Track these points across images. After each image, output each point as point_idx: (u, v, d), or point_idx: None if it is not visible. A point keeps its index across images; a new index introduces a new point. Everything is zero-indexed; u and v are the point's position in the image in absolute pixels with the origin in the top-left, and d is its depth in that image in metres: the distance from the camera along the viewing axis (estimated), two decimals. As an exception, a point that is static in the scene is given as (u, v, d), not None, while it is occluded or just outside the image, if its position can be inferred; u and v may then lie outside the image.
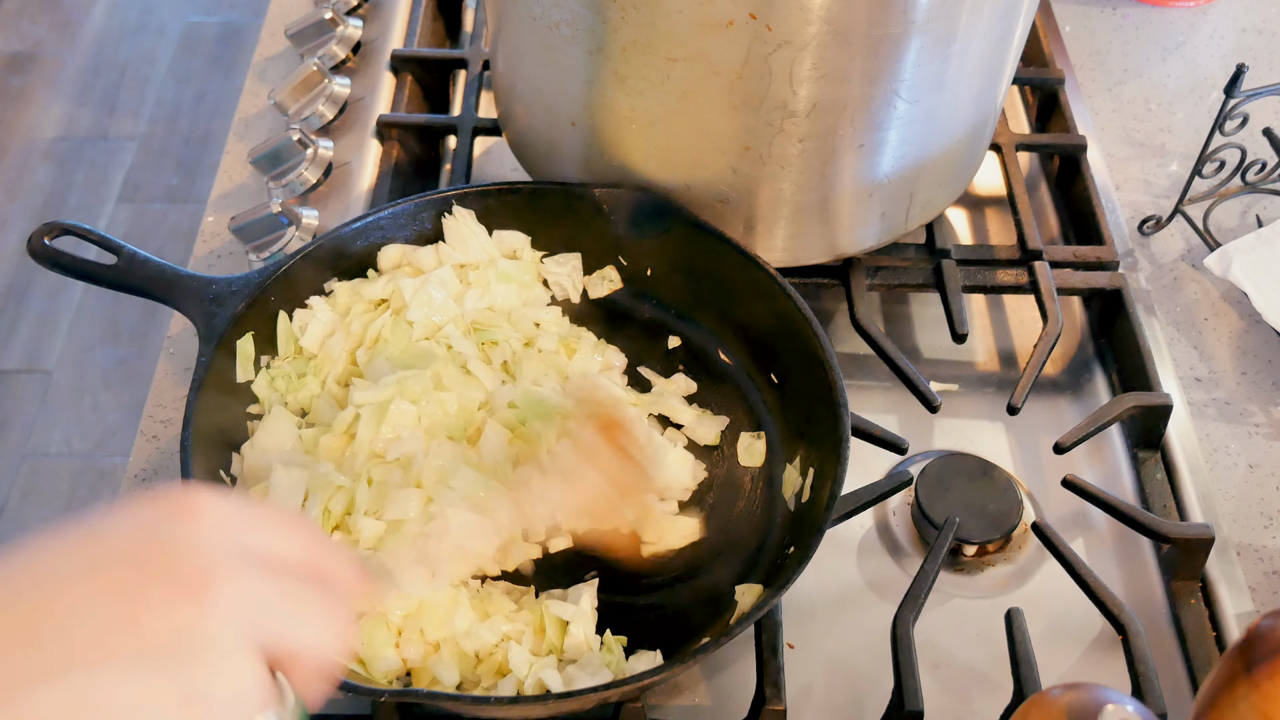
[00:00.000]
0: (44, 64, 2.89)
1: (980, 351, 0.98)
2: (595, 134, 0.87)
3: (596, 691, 0.67)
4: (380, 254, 0.89)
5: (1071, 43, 1.22)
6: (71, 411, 2.23)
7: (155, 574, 0.39)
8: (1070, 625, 0.81)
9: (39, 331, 2.36)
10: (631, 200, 0.90)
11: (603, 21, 0.78)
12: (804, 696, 0.78)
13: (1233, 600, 0.81)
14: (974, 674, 0.79)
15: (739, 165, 0.85)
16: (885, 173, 0.87)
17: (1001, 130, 1.05)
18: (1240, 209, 1.07)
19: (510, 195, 0.91)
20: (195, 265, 1.02)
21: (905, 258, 0.97)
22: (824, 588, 0.83)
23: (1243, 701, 0.55)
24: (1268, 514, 0.87)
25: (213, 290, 0.82)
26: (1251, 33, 1.24)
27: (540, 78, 0.89)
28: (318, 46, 1.13)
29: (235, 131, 1.13)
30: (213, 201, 1.07)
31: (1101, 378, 0.96)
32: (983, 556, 0.84)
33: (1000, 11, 0.82)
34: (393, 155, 1.04)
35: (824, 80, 0.78)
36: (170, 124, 2.75)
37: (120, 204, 2.58)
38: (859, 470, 0.83)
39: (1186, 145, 1.13)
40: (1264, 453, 0.91)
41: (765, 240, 0.90)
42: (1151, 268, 1.03)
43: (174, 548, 0.39)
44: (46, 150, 2.69)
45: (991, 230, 1.06)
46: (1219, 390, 0.95)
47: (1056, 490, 0.85)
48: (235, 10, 3.02)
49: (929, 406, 0.88)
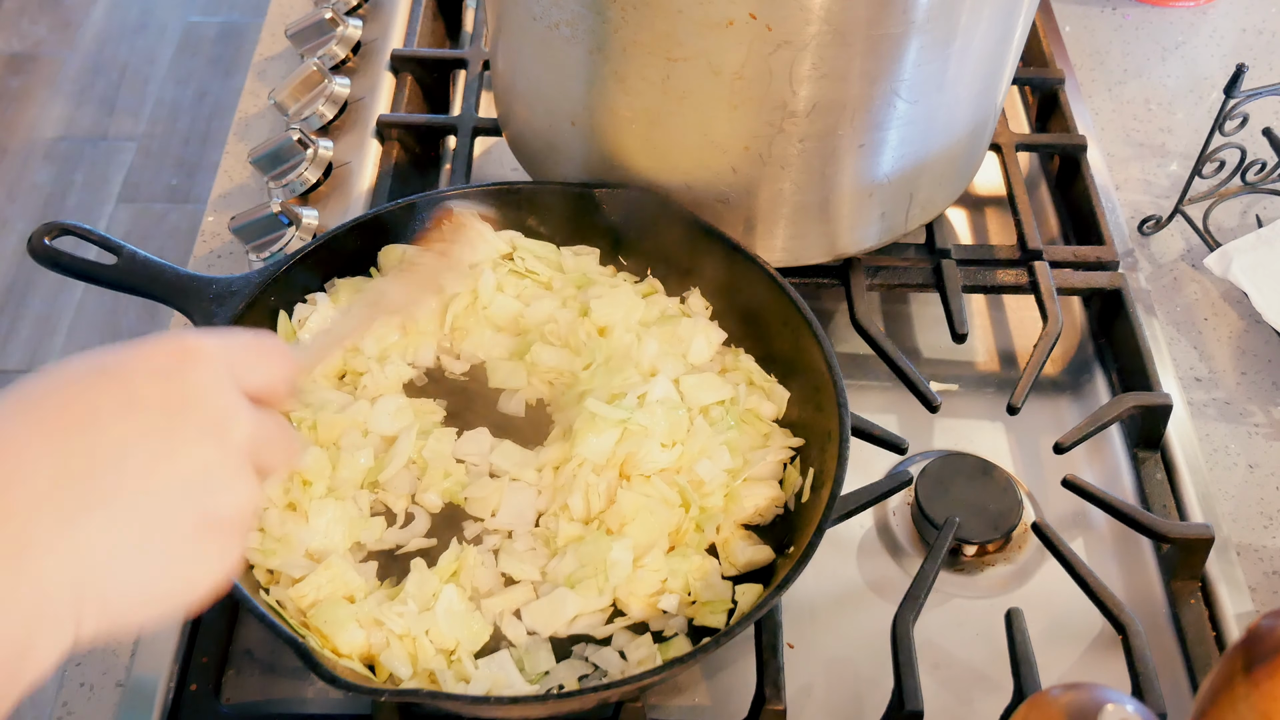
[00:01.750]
0: (44, 64, 2.89)
1: (980, 351, 0.98)
2: (595, 134, 0.87)
3: (596, 691, 0.67)
4: (380, 254, 0.89)
5: (1071, 43, 1.22)
6: (71, 411, 2.23)
7: (183, 418, 0.48)
8: (1070, 625, 0.81)
9: (39, 331, 2.36)
10: (631, 200, 0.90)
11: (603, 21, 0.78)
12: (804, 696, 0.78)
13: (1233, 600, 0.81)
14: (974, 674, 0.79)
15: (739, 165, 0.85)
16: (885, 173, 0.87)
17: (1001, 130, 1.05)
18: (1240, 209, 1.07)
19: (510, 195, 0.91)
20: (195, 265, 1.02)
21: (905, 258, 0.97)
22: (824, 588, 0.83)
23: (1243, 701, 0.55)
24: (1268, 514, 0.87)
25: (213, 290, 0.82)
26: (1251, 33, 1.24)
27: (540, 78, 0.89)
28: (318, 46, 1.13)
29: (235, 131, 1.13)
30: (213, 201, 1.07)
31: (1101, 378, 0.96)
32: (983, 556, 0.84)
33: (1000, 11, 0.82)
34: (393, 155, 1.04)
35: (824, 80, 0.78)
36: (170, 124, 2.75)
37: (120, 204, 2.58)
38: (859, 470, 0.83)
39: (1186, 145, 1.13)
40: (1264, 453, 0.91)
41: (765, 240, 0.90)
42: (1151, 268, 1.03)
43: (194, 392, 0.49)
44: (46, 150, 2.69)
45: (991, 230, 1.07)
46: (1219, 390, 0.95)
47: (1056, 490, 0.85)
48: (235, 10, 3.02)
49: (929, 406, 0.88)
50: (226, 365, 0.51)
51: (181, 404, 0.48)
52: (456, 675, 0.72)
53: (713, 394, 0.83)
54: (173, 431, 0.48)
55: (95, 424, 0.46)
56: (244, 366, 0.52)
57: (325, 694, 0.77)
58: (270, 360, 0.54)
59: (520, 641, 0.75)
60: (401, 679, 0.71)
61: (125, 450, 0.46)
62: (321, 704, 0.77)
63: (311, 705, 0.77)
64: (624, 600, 0.76)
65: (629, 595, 0.76)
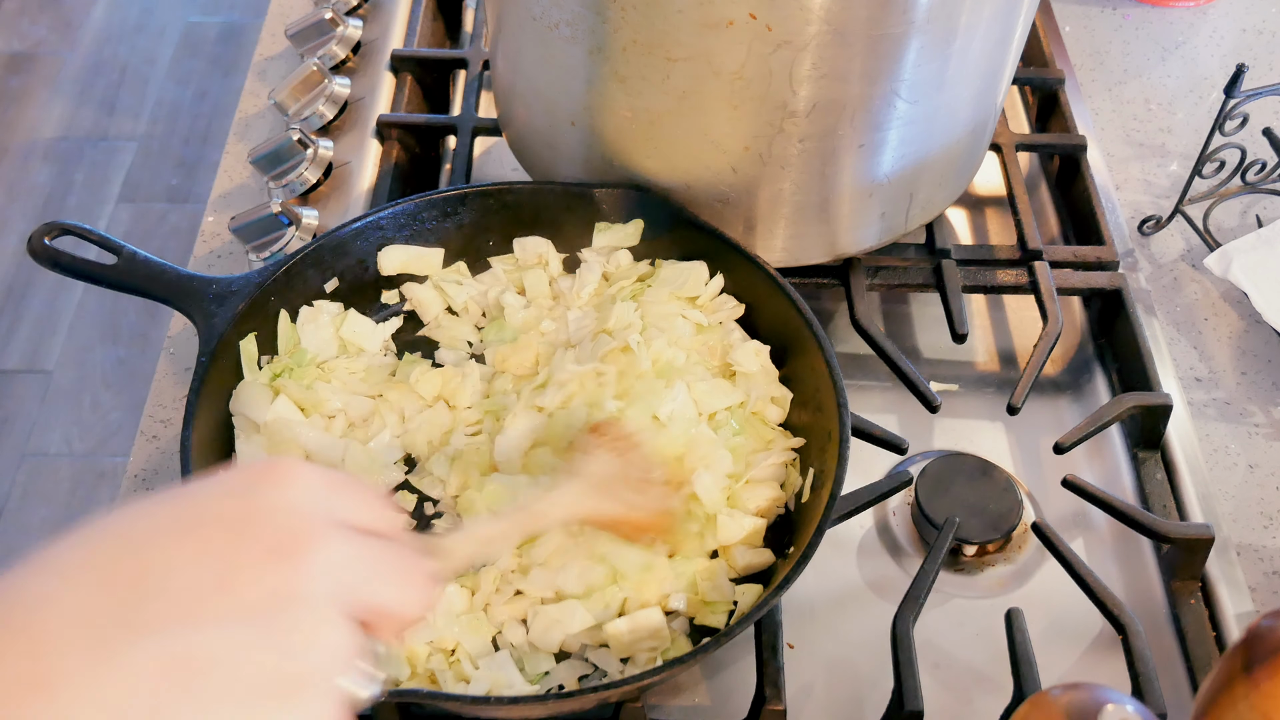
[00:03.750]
0: (44, 64, 2.89)
1: (980, 351, 0.98)
2: (595, 134, 0.87)
3: (596, 691, 0.67)
4: (380, 254, 0.89)
5: (1071, 43, 1.22)
6: (71, 411, 2.23)
7: (249, 537, 0.40)
8: (1070, 625, 0.81)
9: (39, 331, 2.36)
10: (631, 200, 0.90)
11: (603, 21, 0.78)
12: (804, 696, 0.78)
13: (1233, 600, 0.81)
14: (974, 674, 0.79)
15: (739, 165, 0.85)
16: (885, 173, 0.87)
17: (1001, 130, 1.05)
18: (1240, 209, 1.07)
19: (510, 195, 0.91)
20: (195, 265, 1.02)
21: (905, 258, 0.97)
22: (824, 588, 0.83)
23: (1243, 701, 0.55)
24: (1268, 514, 0.87)
25: (213, 290, 0.82)
26: (1251, 33, 1.24)
27: (540, 78, 0.89)
28: (318, 46, 1.13)
29: (235, 131, 1.13)
30: (213, 201, 1.07)
31: (1101, 378, 0.96)
32: (983, 556, 0.84)
33: (1000, 11, 0.82)
34: (393, 155, 1.04)
35: (824, 80, 0.78)
36: (170, 124, 2.75)
37: (120, 204, 2.58)
38: (859, 470, 0.83)
39: (1186, 145, 1.13)
40: (1264, 453, 0.91)
41: (765, 240, 0.90)
42: (1151, 268, 1.03)
43: (266, 512, 0.41)
44: (46, 150, 2.69)
45: (991, 230, 1.07)
46: (1219, 390, 0.95)
47: (1056, 490, 0.85)
48: (235, 10, 3.02)
49: (929, 406, 0.88)
50: (314, 486, 0.43)
51: (249, 523, 0.40)
52: (456, 675, 0.72)
53: (723, 399, 0.83)
54: (233, 556, 0.40)
55: (150, 546, 0.39)
56: (341, 493, 0.44)
57: (325, 694, 0.77)
58: (373, 502, 0.45)
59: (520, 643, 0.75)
60: (400, 680, 0.71)
61: (176, 576, 0.39)
62: (321, 704, 0.76)
63: (311, 705, 0.76)
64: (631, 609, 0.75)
65: (636, 604, 0.75)
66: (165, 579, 0.39)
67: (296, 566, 0.40)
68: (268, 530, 0.40)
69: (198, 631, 0.38)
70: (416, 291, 0.90)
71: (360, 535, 0.44)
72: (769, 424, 0.84)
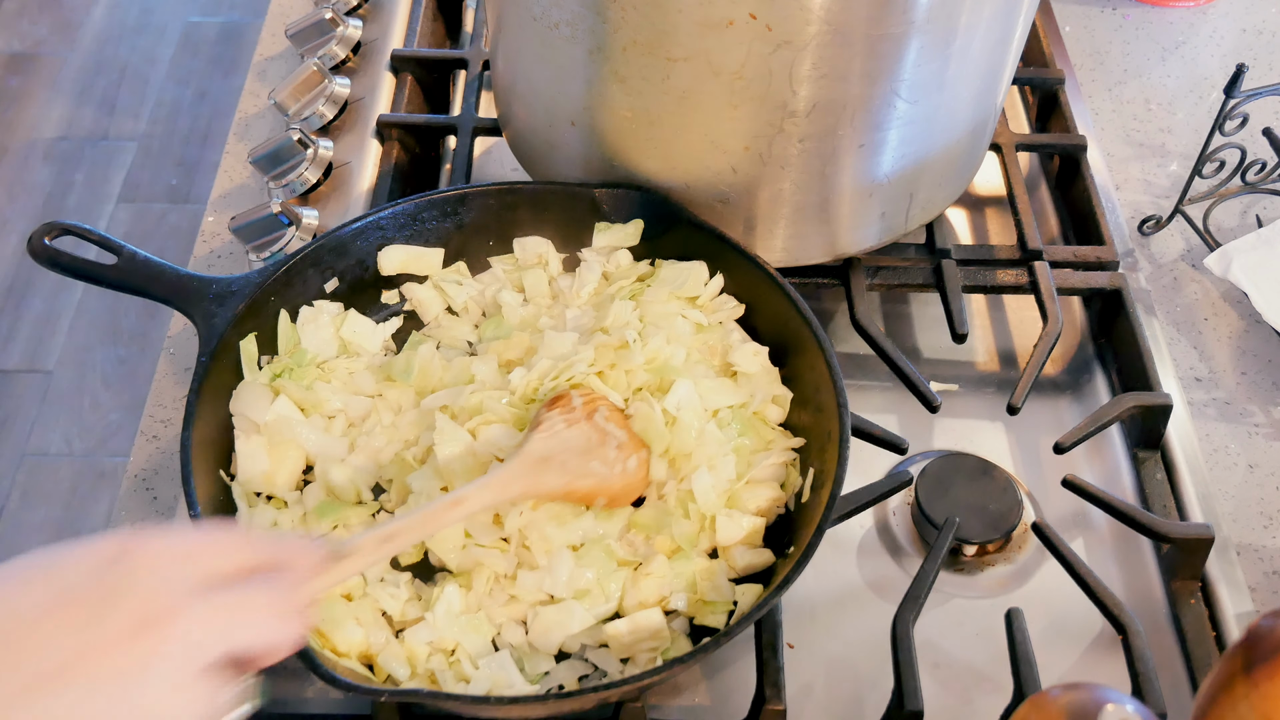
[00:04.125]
0: (44, 64, 2.89)
1: (980, 351, 0.98)
2: (595, 134, 0.87)
3: (596, 691, 0.67)
4: (380, 254, 0.89)
5: (1071, 43, 1.22)
6: (71, 411, 2.23)
7: (111, 611, 0.45)
8: (1070, 625, 0.81)
9: (39, 331, 2.36)
10: (631, 200, 0.90)
11: (603, 21, 0.78)
12: (804, 696, 0.78)
13: (1233, 600, 0.81)
14: (974, 674, 0.79)
15: (739, 165, 0.85)
16: (885, 173, 0.87)
17: (1001, 130, 1.05)
18: (1240, 209, 1.07)
19: (510, 195, 0.91)
20: (195, 265, 1.02)
21: (905, 258, 0.97)
22: (824, 588, 0.83)
23: (1243, 701, 0.55)
24: (1268, 514, 0.87)
25: (213, 290, 0.82)
26: (1251, 33, 1.24)
27: (540, 78, 0.89)
28: (318, 46, 1.13)
29: (235, 131, 1.13)
30: (213, 201, 1.07)
31: (1101, 378, 0.96)
32: (983, 556, 0.84)
33: (1000, 11, 0.82)
34: (393, 155, 1.04)
35: (824, 80, 0.78)
36: (170, 124, 2.75)
37: (120, 204, 2.58)
38: (859, 470, 0.83)
39: (1186, 145, 1.13)
40: (1264, 453, 0.91)
41: (765, 240, 0.90)
42: (1151, 268, 1.03)
43: (126, 587, 0.46)
44: (46, 150, 2.69)
45: (991, 230, 1.07)
46: (1219, 390, 0.95)
47: (1056, 490, 0.85)
48: (235, 10, 3.02)
49: (929, 406, 0.88)
50: (169, 557, 0.48)
51: (110, 599, 0.45)
52: (456, 675, 0.72)
53: (727, 398, 0.83)
54: (96, 629, 0.44)
55: (19, 620, 0.44)
56: (197, 554, 0.49)
57: (325, 694, 0.77)
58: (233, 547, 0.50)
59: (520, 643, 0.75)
60: (400, 680, 0.71)
61: (45, 647, 0.43)
62: (321, 704, 0.77)
63: (311, 705, 0.77)
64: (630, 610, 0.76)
65: (636, 605, 0.75)
66: (37, 651, 0.43)
67: (154, 637, 0.45)
68: (127, 605, 0.45)
69: (63, 695, 0.43)
70: (416, 291, 0.90)
71: (221, 590, 0.49)
72: (769, 424, 0.84)
